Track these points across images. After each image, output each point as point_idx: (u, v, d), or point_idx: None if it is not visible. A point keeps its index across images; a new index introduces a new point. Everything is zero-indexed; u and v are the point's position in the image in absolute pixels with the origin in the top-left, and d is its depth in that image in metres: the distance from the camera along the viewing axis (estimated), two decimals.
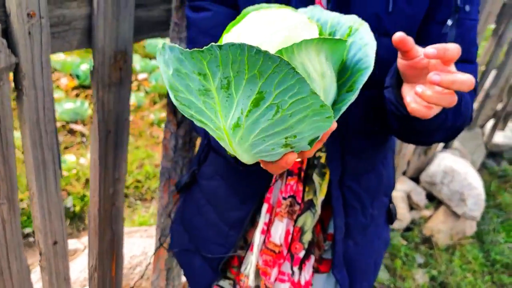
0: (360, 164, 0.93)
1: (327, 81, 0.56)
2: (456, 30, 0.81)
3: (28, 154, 0.95)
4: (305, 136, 0.54)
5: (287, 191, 0.92)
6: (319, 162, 0.90)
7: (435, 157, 2.66)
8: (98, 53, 0.99)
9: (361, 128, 0.88)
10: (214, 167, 1.02)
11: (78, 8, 0.95)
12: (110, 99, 1.05)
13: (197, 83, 0.49)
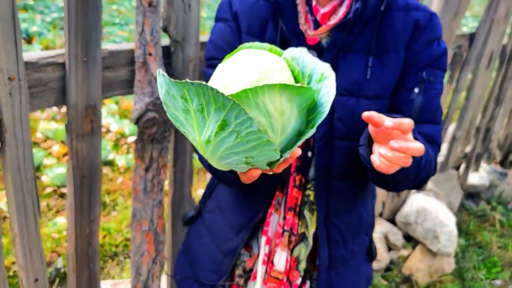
0: (342, 204, 1.08)
1: (285, 118, 0.69)
2: (422, 96, 0.99)
3: (10, 198, 1.09)
4: (260, 159, 0.68)
5: (288, 224, 1.06)
6: (309, 199, 1.05)
7: (408, 198, 2.78)
8: (71, 108, 1.15)
9: (343, 173, 1.03)
10: (216, 201, 1.17)
11: (53, 72, 1.13)
12: (83, 148, 1.20)
13: (180, 103, 0.64)
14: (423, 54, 0.99)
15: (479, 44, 2.69)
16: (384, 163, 0.78)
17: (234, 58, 0.74)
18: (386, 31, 0.98)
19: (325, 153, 1.00)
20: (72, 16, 1.08)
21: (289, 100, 0.68)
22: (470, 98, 2.95)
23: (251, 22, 0.99)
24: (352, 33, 0.95)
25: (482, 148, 3.43)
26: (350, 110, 0.97)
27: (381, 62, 0.98)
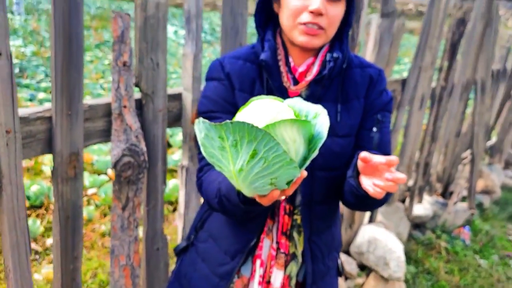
0: (322, 225, 1.30)
1: (297, 144, 0.89)
2: (378, 134, 1.25)
3: (5, 237, 1.22)
4: (283, 178, 0.86)
5: (283, 247, 1.26)
6: (297, 223, 1.26)
7: (360, 229, 3.02)
8: (57, 156, 1.31)
9: (323, 199, 1.27)
10: (209, 232, 1.33)
11: (41, 125, 1.29)
12: (67, 191, 1.35)
13: (218, 142, 0.83)
14: (377, 101, 1.27)
15: (411, 88, 3.04)
16: (378, 191, 0.98)
17: (249, 107, 0.95)
18: (349, 84, 1.25)
19: (308, 182, 1.23)
20: (58, 77, 1.27)
21: (298, 131, 0.89)
22: (407, 136, 3.28)
23: (242, 81, 1.21)
24: (324, 86, 1.20)
25: (423, 181, 3.75)
26: (327, 146, 1.20)
27: (347, 108, 1.24)
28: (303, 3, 1.12)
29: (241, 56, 1.24)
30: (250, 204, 1.03)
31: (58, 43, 1.25)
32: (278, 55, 1.21)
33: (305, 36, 1.14)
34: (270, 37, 1.20)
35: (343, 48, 1.22)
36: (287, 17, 1.15)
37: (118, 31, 1.39)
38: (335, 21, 1.16)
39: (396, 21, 2.62)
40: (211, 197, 1.17)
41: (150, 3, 1.45)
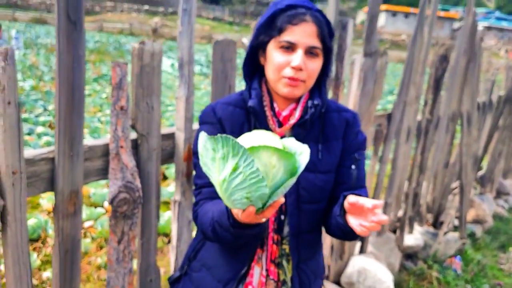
0: (309, 253, 1.42)
1: (275, 170, 1.01)
2: (356, 171, 1.40)
3: (9, 270, 1.32)
4: (256, 195, 0.99)
5: (272, 274, 1.37)
6: (285, 252, 1.38)
7: (350, 260, 3.10)
8: (58, 193, 1.42)
9: (309, 230, 1.39)
10: (202, 261, 1.43)
11: (45, 165, 1.41)
12: (67, 226, 1.46)
13: (211, 153, 0.97)
14: (354, 141, 1.42)
15: (396, 122, 3.18)
16: (364, 230, 1.11)
17: (250, 134, 1.10)
18: (328, 126, 1.40)
19: (295, 214, 1.35)
20: (61, 122, 1.39)
21: (278, 159, 1.02)
22: (395, 168, 3.40)
23: (233, 125, 1.35)
24: (306, 129, 1.34)
25: (413, 211, 3.85)
26: (311, 182, 1.34)
27: (327, 147, 1.38)
28: (286, 59, 1.26)
29: (231, 102, 1.38)
30: (239, 227, 1.16)
31: (62, 92, 1.38)
32: (264, 101, 1.35)
33: (288, 87, 1.29)
34: (256, 86, 1.35)
35: (322, 95, 1.36)
36: (272, 71, 1.30)
37: (116, 78, 1.52)
38: (314, 74, 1.31)
39: (379, 60, 2.78)
40: (206, 226, 1.30)
41: (146, 53, 1.58)
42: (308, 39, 1.26)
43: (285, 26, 1.25)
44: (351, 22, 2.52)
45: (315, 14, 1.28)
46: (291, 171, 1.06)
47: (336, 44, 2.52)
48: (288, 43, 1.25)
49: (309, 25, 1.26)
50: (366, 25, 2.66)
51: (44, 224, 3.94)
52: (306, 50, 1.27)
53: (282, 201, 1.06)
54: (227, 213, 1.18)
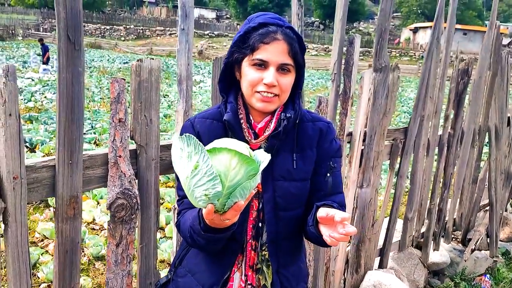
0: (288, 258, 1.49)
1: (233, 172, 1.09)
2: (332, 178, 1.47)
3: (9, 267, 1.46)
4: (213, 192, 1.08)
5: (250, 279, 1.45)
6: (265, 258, 1.45)
7: (366, 274, 3.08)
8: (59, 198, 1.56)
9: (287, 236, 1.47)
10: (187, 267, 1.51)
11: (46, 172, 1.55)
12: (67, 229, 1.59)
13: (178, 152, 1.09)
14: (328, 149, 1.48)
15: (413, 136, 3.17)
16: (334, 241, 1.19)
17: (219, 140, 1.20)
18: (302, 136, 1.47)
19: (273, 222, 1.43)
20: (61, 132, 1.53)
21: (239, 162, 1.10)
22: (414, 182, 3.37)
23: (210, 138, 1.39)
24: (280, 139, 1.42)
25: (438, 228, 3.78)
26: (287, 189, 1.42)
27: (302, 156, 1.45)
28: (259, 76, 1.34)
29: (209, 116, 1.48)
30: (209, 231, 1.24)
31: (62, 105, 1.52)
32: (240, 115, 1.43)
33: (262, 103, 1.36)
34: (232, 100, 1.43)
35: (295, 107, 1.43)
36: (246, 87, 1.38)
37: (114, 93, 1.65)
38: (287, 89, 1.38)
39: (391, 74, 2.80)
40: (185, 234, 1.40)
41: (144, 70, 1.71)
42: (279, 57, 1.33)
43: (257, 45, 1.33)
44: (358, 39, 2.57)
45: (286, 31, 1.35)
46: (252, 176, 1.14)
47: (344, 60, 2.57)
48: (261, 61, 1.33)
49: (280, 43, 1.33)
50: (375, 40, 2.71)
51: (82, 235, 4.15)
52: (278, 67, 1.34)
53: (241, 204, 1.13)
54: (199, 218, 1.27)
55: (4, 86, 1.36)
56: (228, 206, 1.13)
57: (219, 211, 1.15)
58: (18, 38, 40.19)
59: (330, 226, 1.23)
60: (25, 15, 50.35)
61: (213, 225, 1.22)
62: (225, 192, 1.10)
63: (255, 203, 1.42)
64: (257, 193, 1.42)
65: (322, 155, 1.47)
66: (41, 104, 10.99)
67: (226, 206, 1.13)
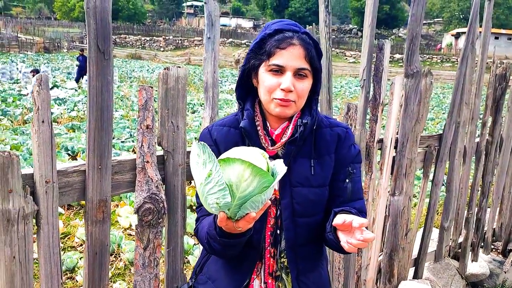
0: (308, 265, 1.49)
1: (246, 183, 1.10)
2: (351, 184, 1.47)
3: (41, 268, 1.52)
4: (223, 202, 1.10)
5: (269, 287, 1.45)
6: (284, 265, 1.46)
7: (400, 284, 3.02)
8: (89, 201, 1.62)
9: (306, 242, 1.47)
10: (207, 274, 1.54)
11: (77, 176, 1.61)
12: (96, 231, 1.64)
13: (195, 159, 1.11)
14: (347, 155, 1.47)
15: (448, 143, 3.09)
16: (352, 247, 1.19)
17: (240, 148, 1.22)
18: (320, 142, 1.46)
19: (291, 228, 1.43)
20: (91, 139, 1.59)
21: (252, 174, 1.11)
22: (450, 190, 3.28)
23: (227, 145, 1.43)
24: (298, 145, 1.42)
25: (477, 238, 3.65)
26: (304, 196, 1.41)
27: (319, 163, 1.45)
28: (276, 82, 1.35)
29: (226, 123, 1.50)
30: (224, 237, 1.26)
31: (92, 113, 1.58)
32: (256, 121, 1.44)
33: (279, 108, 1.37)
34: (248, 107, 1.44)
35: (312, 113, 1.43)
36: (263, 93, 1.39)
37: (142, 100, 1.70)
38: (304, 94, 1.38)
39: (423, 80, 2.76)
40: (202, 240, 1.42)
41: (170, 78, 1.76)
42: (296, 61, 1.34)
43: (273, 50, 1.34)
44: (388, 44, 2.54)
45: (302, 37, 1.36)
46: (265, 188, 1.13)
47: (373, 65, 2.55)
48: (277, 66, 1.34)
49: (297, 48, 1.34)
50: (406, 45, 2.67)
51: (119, 240, 4.26)
52: (295, 72, 1.34)
53: (253, 216, 1.14)
54: (214, 223, 1.28)
55: (38, 94, 1.43)
56: (240, 216, 1.14)
57: (232, 219, 1.17)
58: (63, 50, 41.83)
59: (348, 232, 1.22)
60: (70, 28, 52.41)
61: (228, 230, 1.23)
62: (236, 203, 1.11)
63: (272, 210, 1.42)
64: (275, 200, 1.42)
65: (341, 160, 1.46)
66: (83, 114, 11.36)
67: (237, 216, 1.15)
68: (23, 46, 38.81)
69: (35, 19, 65.57)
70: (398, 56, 40.28)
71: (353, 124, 2.41)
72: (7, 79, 18.44)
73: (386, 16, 55.82)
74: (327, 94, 2.35)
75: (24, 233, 1.45)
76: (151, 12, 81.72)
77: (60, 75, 20.94)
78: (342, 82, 29.23)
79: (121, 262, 4.02)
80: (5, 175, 1.38)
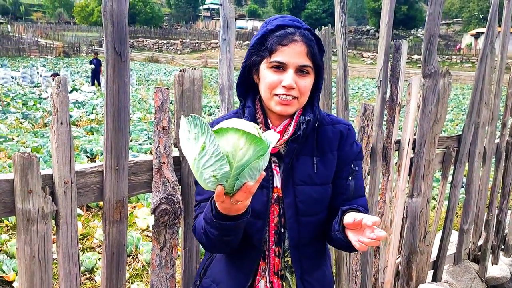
0: (312, 264, 1.47)
1: (242, 152, 1.07)
2: (354, 181, 1.45)
3: (60, 267, 1.54)
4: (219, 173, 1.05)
5: (275, 286, 1.44)
6: (288, 264, 1.45)
7: (418, 287, 2.98)
8: (106, 202, 1.64)
9: (310, 242, 1.45)
10: (211, 277, 1.53)
11: (95, 177, 1.63)
12: (113, 231, 1.66)
13: (186, 134, 1.07)
14: (349, 152, 1.46)
15: (467, 144, 3.05)
16: (363, 246, 1.17)
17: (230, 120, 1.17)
18: (322, 139, 1.44)
19: (295, 227, 1.41)
20: (108, 140, 1.61)
21: (246, 142, 1.07)
22: (470, 192, 3.23)
23: None
24: (300, 143, 1.40)
25: (497, 240, 3.59)
26: (308, 194, 1.39)
27: (322, 160, 1.43)
28: (277, 79, 1.33)
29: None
30: (222, 219, 1.20)
31: (109, 114, 1.60)
32: (258, 119, 1.43)
33: (281, 106, 1.35)
34: (250, 104, 1.43)
35: (314, 110, 1.42)
36: (264, 90, 1.37)
37: (158, 102, 1.72)
38: (306, 91, 1.36)
39: (441, 80, 2.73)
40: (199, 233, 1.37)
41: (186, 79, 1.77)
42: (297, 58, 1.32)
43: (275, 47, 1.32)
44: (405, 44, 2.52)
45: (304, 33, 1.34)
46: (261, 156, 1.09)
47: (390, 66, 2.53)
48: (279, 63, 1.32)
49: (299, 45, 1.32)
50: (424, 45, 2.65)
51: (136, 241, 4.30)
52: (296, 69, 1.33)
53: (250, 185, 1.09)
54: (211, 205, 1.23)
55: (56, 96, 1.45)
56: (237, 187, 1.10)
57: (229, 194, 1.12)
58: (82, 54, 42.46)
59: (357, 231, 1.20)
60: (89, 32, 53.13)
61: (224, 210, 1.18)
62: (233, 173, 1.08)
63: (275, 209, 1.40)
64: (278, 198, 1.40)
65: (343, 158, 1.45)
66: (102, 116, 11.49)
67: (235, 188, 1.10)
68: (43, 51, 39.51)
69: (55, 23, 66.71)
70: (416, 57, 39.88)
71: (370, 125, 2.39)
72: (28, 83, 18.80)
73: (404, 17, 55.29)
74: (343, 95, 2.34)
75: (44, 233, 1.47)
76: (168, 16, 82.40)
77: (79, 79, 21.27)
78: (359, 84, 29.06)
79: (138, 263, 4.05)
80: (25, 175, 1.40)
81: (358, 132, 2.37)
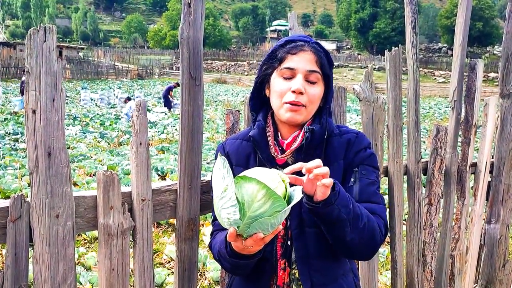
0: (324, 279, 1.43)
1: (257, 204, 1.10)
2: (358, 185, 1.42)
3: (136, 281, 1.62)
4: (232, 218, 1.09)
5: None
6: (295, 277, 1.43)
7: None
8: (179, 219, 1.70)
9: (319, 254, 1.43)
10: None
11: (169, 196, 1.71)
12: (186, 248, 1.72)
13: (216, 172, 1.14)
14: (355, 158, 1.44)
15: None
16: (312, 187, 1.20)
17: (263, 169, 1.22)
18: (329, 150, 1.45)
19: (300, 238, 1.40)
20: (182, 160, 1.69)
21: (265, 196, 1.10)
22: None
23: (239, 157, 1.49)
24: (307, 154, 1.41)
25: None
26: None
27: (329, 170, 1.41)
28: (287, 86, 1.38)
29: (239, 136, 1.54)
30: (234, 257, 1.27)
31: (184, 135, 1.68)
32: (268, 132, 1.47)
33: (290, 112, 1.38)
34: (260, 118, 1.48)
35: (322, 121, 1.44)
36: (275, 98, 1.42)
37: (229, 123, 1.78)
38: (314, 99, 1.40)
39: None
40: (215, 257, 1.43)
41: None
42: (306, 64, 1.38)
43: (284, 56, 1.39)
44: (481, 64, 2.44)
45: (312, 45, 1.41)
46: (277, 212, 1.12)
47: (465, 85, 2.45)
48: (288, 69, 1.38)
49: (307, 54, 1.39)
50: (501, 64, 2.54)
51: (204, 259, 4.38)
52: (306, 75, 1.38)
53: (260, 237, 1.12)
54: (225, 242, 1.30)
55: (136, 118, 1.55)
56: (248, 234, 1.14)
57: (242, 236, 1.16)
58: (154, 77, 44.46)
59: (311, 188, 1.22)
60: (161, 56, 55.67)
61: (237, 249, 1.24)
62: (245, 221, 1.11)
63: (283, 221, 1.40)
64: None
65: (349, 163, 1.44)
66: (172, 136, 11.92)
67: (246, 234, 1.14)
68: (119, 74, 41.82)
69: (130, 48, 70.64)
70: (492, 75, 37.98)
71: (443, 147, 2.32)
72: (106, 104, 19.94)
73: (479, 34, 53.01)
74: (414, 116, 2.29)
75: (122, 247, 1.56)
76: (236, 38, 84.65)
77: (151, 100, 22.24)
78: (430, 103, 28.09)
79: (205, 280, 4.12)
80: (107, 192, 1.50)
81: (431, 154, 2.30)
